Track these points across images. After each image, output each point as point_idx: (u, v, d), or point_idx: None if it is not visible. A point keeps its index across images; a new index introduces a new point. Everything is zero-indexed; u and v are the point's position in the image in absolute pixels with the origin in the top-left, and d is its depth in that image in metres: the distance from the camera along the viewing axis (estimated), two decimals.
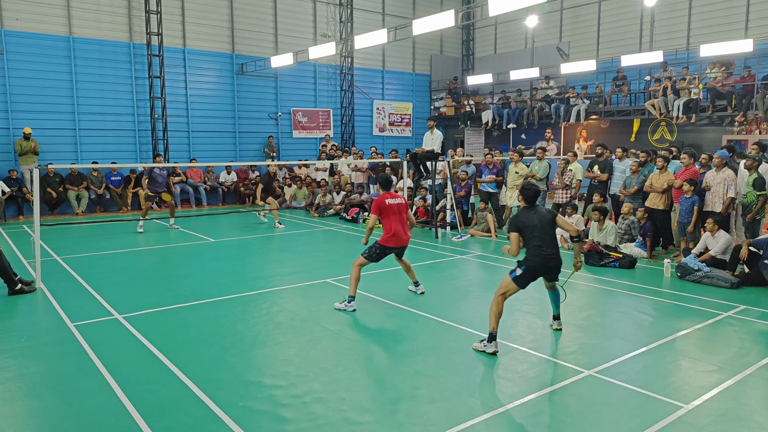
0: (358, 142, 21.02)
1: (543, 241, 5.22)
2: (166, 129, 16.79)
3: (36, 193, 7.74)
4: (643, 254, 9.19)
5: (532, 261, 5.22)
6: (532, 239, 5.25)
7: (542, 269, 5.27)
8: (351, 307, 6.52)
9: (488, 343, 5.15)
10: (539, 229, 5.26)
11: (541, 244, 5.21)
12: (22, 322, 6.20)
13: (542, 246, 5.20)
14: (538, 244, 5.21)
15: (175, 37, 17.27)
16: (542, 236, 5.23)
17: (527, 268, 5.22)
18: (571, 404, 4.22)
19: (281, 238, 11.64)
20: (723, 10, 16.68)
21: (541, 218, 5.31)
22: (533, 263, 5.22)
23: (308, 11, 20.08)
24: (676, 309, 6.65)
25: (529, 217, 5.33)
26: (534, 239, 5.24)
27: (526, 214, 5.36)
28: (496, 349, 5.11)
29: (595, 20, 19.75)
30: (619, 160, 10.92)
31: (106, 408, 4.13)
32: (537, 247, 5.21)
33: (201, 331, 5.80)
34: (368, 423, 3.94)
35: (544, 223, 5.29)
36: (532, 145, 17.36)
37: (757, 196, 8.15)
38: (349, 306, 6.53)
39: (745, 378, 4.65)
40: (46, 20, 15.20)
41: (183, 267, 9.10)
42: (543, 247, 5.20)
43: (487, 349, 5.13)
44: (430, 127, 12.24)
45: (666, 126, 16.58)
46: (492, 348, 5.12)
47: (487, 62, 23.49)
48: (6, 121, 14.76)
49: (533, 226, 5.26)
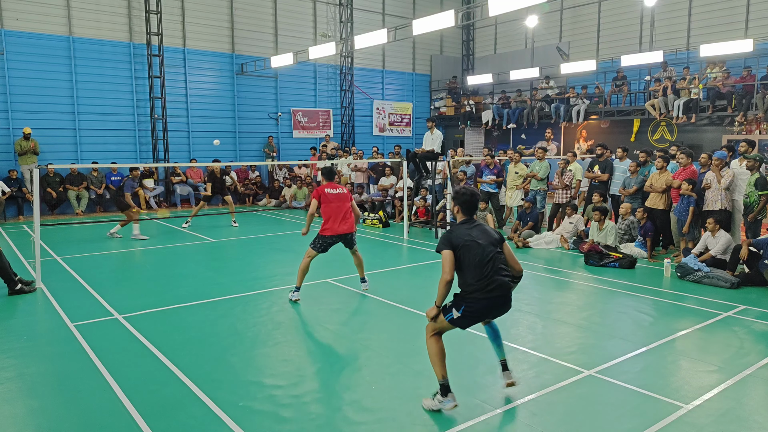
0: (358, 142, 21.02)
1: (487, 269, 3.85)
2: (166, 129, 16.80)
3: (36, 193, 7.74)
4: (643, 254, 9.19)
5: (473, 300, 3.89)
6: (473, 266, 3.87)
7: (489, 308, 3.97)
8: (295, 296, 6.76)
9: (443, 398, 3.96)
10: (481, 250, 3.88)
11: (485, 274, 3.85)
12: (22, 322, 6.20)
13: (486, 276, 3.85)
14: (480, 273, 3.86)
15: (175, 37, 17.28)
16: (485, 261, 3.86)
17: (467, 311, 3.91)
18: (571, 404, 4.22)
19: (281, 238, 11.64)
20: (723, 10, 16.68)
21: (487, 238, 3.96)
22: (475, 304, 3.90)
23: (308, 11, 20.08)
24: (676, 309, 6.65)
25: (470, 233, 3.96)
26: (475, 266, 3.87)
27: (464, 230, 3.98)
28: (455, 403, 3.94)
29: (595, 20, 19.75)
30: (620, 160, 10.92)
31: (106, 408, 4.13)
32: (479, 277, 3.86)
33: (201, 331, 5.80)
34: (368, 423, 3.94)
35: (488, 246, 3.92)
36: (532, 145, 17.36)
37: (759, 196, 8.14)
38: (294, 295, 6.77)
39: (745, 378, 4.65)
40: (46, 20, 15.20)
41: (183, 267, 9.10)
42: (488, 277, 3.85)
43: (443, 406, 3.95)
44: (430, 128, 12.24)
45: (666, 126, 16.58)
46: (450, 403, 3.94)
47: (487, 62, 23.49)
48: (6, 121, 14.76)
49: (472, 245, 3.89)
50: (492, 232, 4.04)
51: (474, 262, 3.87)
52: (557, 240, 10.33)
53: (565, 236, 10.32)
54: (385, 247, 10.74)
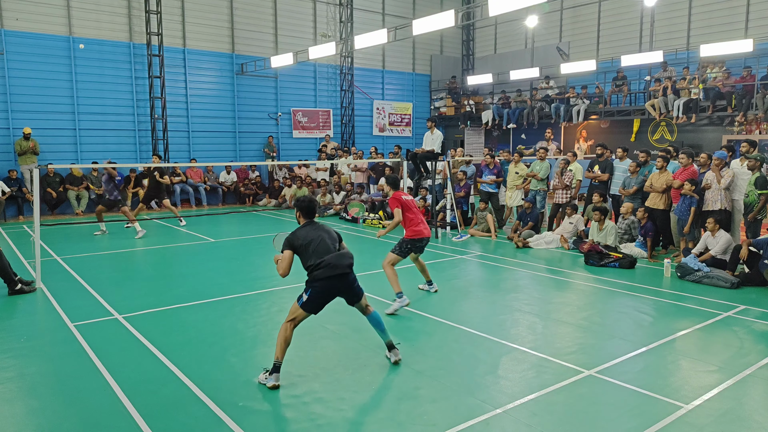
0: (358, 142, 21.02)
1: (327, 259, 4.52)
2: (166, 129, 16.80)
3: (36, 193, 7.74)
4: (643, 254, 9.19)
5: (318, 282, 4.53)
6: (314, 256, 4.55)
7: (332, 289, 4.60)
8: (405, 301, 6.44)
9: (269, 376, 4.47)
10: (322, 244, 4.59)
11: (326, 263, 4.50)
12: (22, 322, 6.20)
13: (327, 264, 4.50)
14: (321, 262, 4.51)
15: (175, 37, 17.28)
16: (325, 252, 4.55)
17: (313, 293, 4.55)
18: (571, 404, 4.22)
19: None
20: (723, 10, 16.68)
21: (324, 234, 4.68)
22: (319, 285, 4.53)
23: (308, 11, 20.08)
24: (676, 309, 6.65)
25: (311, 233, 4.64)
26: (317, 257, 4.53)
27: (306, 231, 4.66)
28: (276, 383, 4.43)
29: (595, 20, 19.75)
30: (620, 160, 10.91)
31: (106, 408, 4.13)
32: (321, 266, 4.50)
33: (201, 331, 5.80)
34: (368, 423, 3.94)
35: (328, 239, 4.65)
36: (532, 145, 17.36)
37: (758, 195, 8.15)
38: (402, 301, 6.42)
39: (745, 378, 4.65)
40: (46, 20, 15.20)
41: (183, 267, 9.10)
42: (329, 264, 4.50)
43: (267, 383, 4.45)
44: (430, 128, 12.24)
45: (666, 126, 16.57)
46: (272, 381, 4.43)
47: (487, 62, 23.49)
48: (6, 121, 14.77)
49: (313, 242, 4.58)
50: (331, 231, 4.78)
51: (316, 254, 4.56)
52: (557, 240, 10.33)
53: (565, 236, 10.32)
54: (385, 247, 10.70)
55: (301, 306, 4.58)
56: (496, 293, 7.43)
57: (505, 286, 7.80)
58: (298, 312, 4.59)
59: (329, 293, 4.62)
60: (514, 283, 7.99)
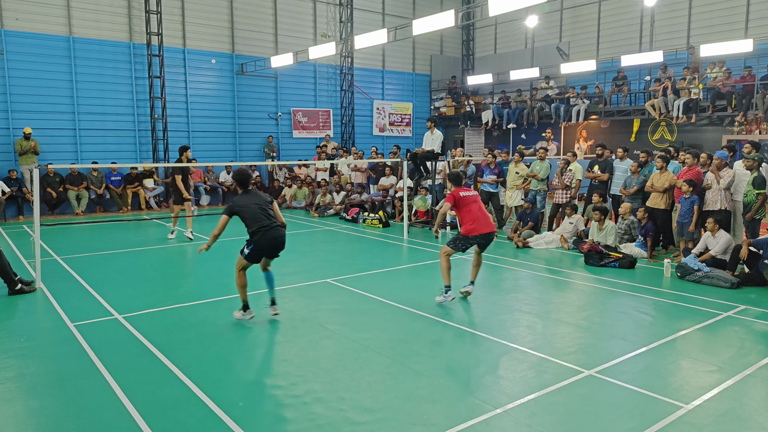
0: (358, 142, 21.02)
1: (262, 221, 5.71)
2: (166, 129, 16.79)
3: (36, 193, 7.74)
4: (643, 254, 9.19)
5: (255, 240, 5.74)
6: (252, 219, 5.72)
7: (267, 246, 5.80)
8: (450, 297, 6.66)
9: (244, 312, 6.01)
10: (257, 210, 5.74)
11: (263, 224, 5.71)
12: (22, 322, 6.20)
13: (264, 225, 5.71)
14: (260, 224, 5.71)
15: (175, 37, 17.28)
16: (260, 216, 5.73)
17: (254, 249, 5.78)
18: (571, 404, 4.22)
19: None
20: (723, 10, 16.68)
21: (258, 201, 5.83)
22: (260, 242, 5.74)
23: (308, 11, 20.08)
24: (676, 309, 6.65)
25: (246, 200, 5.80)
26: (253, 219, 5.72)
27: (242, 198, 5.84)
28: (252, 315, 5.99)
29: (595, 20, 19.75)
30: (620, 160, 10.92)
31: (106, 408, 4.13)
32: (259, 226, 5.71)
33: (201, 331, 5.80)
34: (368, 423, 3.94)
35: (262, 205, 5.81)
36: (532, 145, 17.37)
37: (756, 195, 8.15)
38: (447, 296, 6.65)
39: (745, 378, 4.65)
40: (46, 20, 15.20)
41: (183, 267, 9.10)
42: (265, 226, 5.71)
43: (245, 317, 5.98)
44: (430, 128, 12.24)
45: (666, 126, 16.57)
46: (249, 315, 5.98)
47: (487, 62, 23.49)
48: (6, 121, 14.76)
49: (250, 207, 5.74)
50: (263, 196, 5.99)
51: (252, 216, 5.73)
52: (557, 240, 10.33)
53: (565, 236, 10.32)
54: (385, 247, 10.74)
55: (245, 258, 5.87)
56: (496, 293, 7.43)
57: (505, 286, 7.80)
58: (243, 262, 5.93)
59: (265, 251, 5.88)
60: (514, 283, 7.99)
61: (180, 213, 11.52)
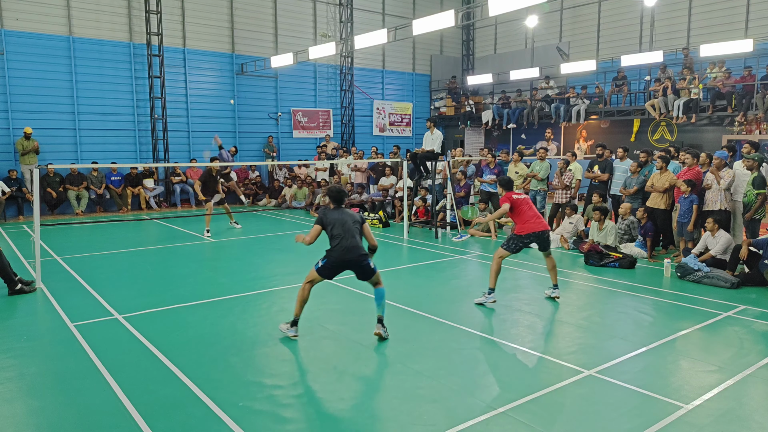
0: (358, 142, 21.02)
1: (344, 236, 5.43)
2: (166, 129, 16.79)
3: (36, 193, 7.74)
4: (643, 254, 9.19)
5: (332, 254, 5.47)
6: (335, 234, 5.47)
7: (345, 262, 5.47)
8: (491, 299, 6.69)
9: (291, 328, 5.59)
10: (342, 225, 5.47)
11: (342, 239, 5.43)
12: (22, 322, 6.20)
13: (343, 239, 5.42)
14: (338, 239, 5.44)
15: (175, 37, 17.28)
16: (344, 232, 5.44)
17: (328, 261, 5.49)
18: (571, 404, 4.22)
19: (281, 238, 11.64)
20: (723, 10, 16.68)
21: (347, 217, 5.56)
22: (334, 256, 5.46)
23: (308, 11, 20.08)
24: (676, 309, 6.65)
25: (337, 215, 5.57)
26: (335, 236, 5.47)
27: (334, 213, 5.61)
28: (296, 335, 5.56)
29: (595, 20, 19.75)
30: (620, 160, 10.91)
31: (106, 408, 4.13)
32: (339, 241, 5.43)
33: (201, 331, 5.80)
34: (368, 423, 3.94)
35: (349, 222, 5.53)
36: (532, 145, 17.36)
37: (756, 195, 8.15)
38: (488, 298, 6.69)
39: (745, 378, 4.65)
40: (46, 20, 15.20)
41: (183, 267, 9.10)
42: (343, 240, 5.42)
43: (289, 333, 5.57)
44: (430, 128, 12.24)
45: (666, 126, 16.57)
46: (292, 333, 5.56)
47: (487, 62, 23.49)
48: (6, 121, 14.76)
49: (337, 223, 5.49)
50: (354, 214, 5.65)
51: (338, 233, 5.45)
52: (557, 240, 10.33)
53: (565, 236, 10.32)
54: (385, 247, 10.73)
55: (317, 271, 5.50)
56: (496, 293, 7.42)
57: (505, 286, 7.80)
58: (313, 274, 5.53)
59: (340, 267, 5.50)
60: (514, 283, 7.99)
61: (211, 210, 12.07)
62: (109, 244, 10.84)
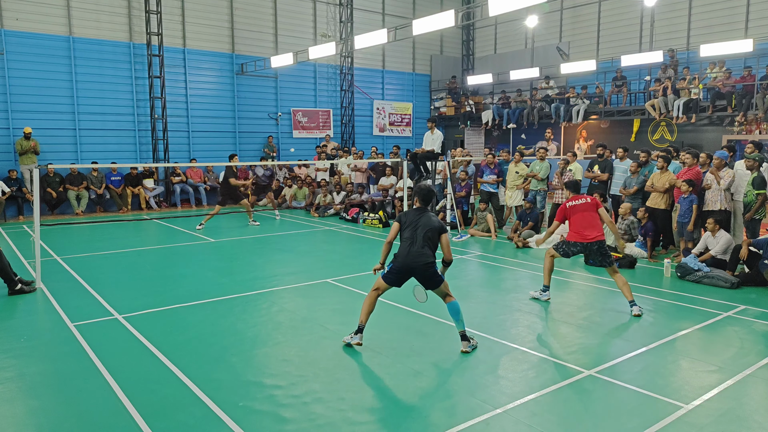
0: (358, 142, 21.02)
1: (412, 241, 5.14)
2: (166, 129, 16.79)
3: (36, 193, 7.73)
4: (643, 254, 9.19)
5: (397, 259, 5.21)
6: (404, 238, 5.23)
7: (408, 269, 5.15)
8: (545, 296, 6.89)
9: (354, 335, 5.29)
10: (415, 229, 5.18)
11: (410, 243, 5.14)
12: (22, 322, 6.20)
13: (410, 245, 5.13)
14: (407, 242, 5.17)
15: (175, 37, 17.28)
16: (413, 236, 5.15)
17: (393, 266, 5.23)
18: (571, 404, 4.22)
19: (281, 238, 11.64)
20: (723, 10, 16.68)
21: (424, 221, 5.21)
22: (398, 261, 5.20)
23: (308, 11, 20.08)
24: (676, 309, 6.65)
25: (413, 216, 5.28)
26: (405, 239, 5.21)
27: (411, 213, 5.32)
28: (360, 342, 5.24)
29: (595, 20, 19.75)
30: (620, 160, 10.91)
31: (106, 408, 4.13)
32: (405, 245, 5.18)
33: (201, 331, 5.80)
34: (368, 423, 3.94)
35: (424, 227, 5.17)
36: (532, 145, 17.36)
37: (756, 195, 8.15)
38: (543, 295, 6.90)
39: (745, 378, 4.65)
40: (46, 20, 15.20)
41: (183, 267, 9.10)
42: (411, 246, 5.13)
43: (351, 341, 5.27)
44: (430, 128, 12.24)
45: (666, 126, 16.57)
46: (356, 340, 5.25)
47: (487, 62, 23.49)
48: (6, 121, 14.76)
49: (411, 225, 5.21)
50: (434, 221, 5.25)
51: (405, 236, 5.21)
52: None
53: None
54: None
55: (383, 277, 5.25)
56: (496, 293, 7.43)
57: (505, 286, 7.80)
58: (380, 282, 5.27)
59: (405, 274, 5.21)
60: (514, 283, 7.99)
61: (216, 210, 12.64)
62: (109, 244, 10.84)
